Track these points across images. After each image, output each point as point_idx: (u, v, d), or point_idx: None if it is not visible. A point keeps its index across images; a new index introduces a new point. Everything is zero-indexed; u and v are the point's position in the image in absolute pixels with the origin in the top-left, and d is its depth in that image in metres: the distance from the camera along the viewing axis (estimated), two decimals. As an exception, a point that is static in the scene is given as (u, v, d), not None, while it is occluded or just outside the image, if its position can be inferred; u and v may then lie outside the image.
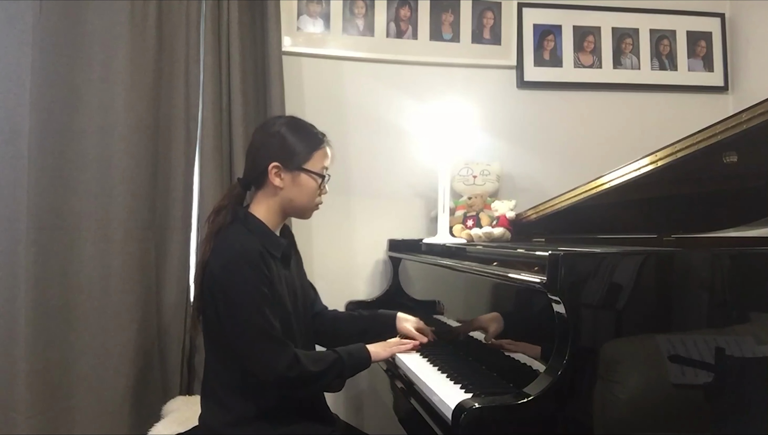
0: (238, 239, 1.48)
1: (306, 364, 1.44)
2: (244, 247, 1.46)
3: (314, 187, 1.58)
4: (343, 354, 1.52)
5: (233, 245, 1.47)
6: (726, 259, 1.31)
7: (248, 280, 1.42)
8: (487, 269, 1.52)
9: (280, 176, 1.54)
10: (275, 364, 1.41)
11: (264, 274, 1.45)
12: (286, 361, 1.41)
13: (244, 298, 1.42)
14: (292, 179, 1.55)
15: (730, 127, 1.41)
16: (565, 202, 1.97)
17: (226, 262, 1.45)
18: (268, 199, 1.56)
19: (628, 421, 1.18)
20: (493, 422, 1.12)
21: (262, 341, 1.42)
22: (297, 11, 2.53)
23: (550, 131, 2.72)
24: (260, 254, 1.46)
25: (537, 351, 1.31)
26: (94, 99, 2.17)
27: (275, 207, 1.57)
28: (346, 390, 2.55)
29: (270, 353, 1.42)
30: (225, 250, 1.47)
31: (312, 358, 1.48)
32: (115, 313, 2.14)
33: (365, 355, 1.58)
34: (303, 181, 1.56)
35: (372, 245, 2.55)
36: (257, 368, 1.44)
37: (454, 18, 2.65)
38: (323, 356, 1.51)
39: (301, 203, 1.58)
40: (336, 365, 1.50)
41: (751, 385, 1.26)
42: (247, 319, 1.42)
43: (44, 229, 2.09)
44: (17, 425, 2.03)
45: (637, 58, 2.79)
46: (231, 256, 1.45)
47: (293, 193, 1.56)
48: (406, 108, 2.59)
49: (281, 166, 1.53)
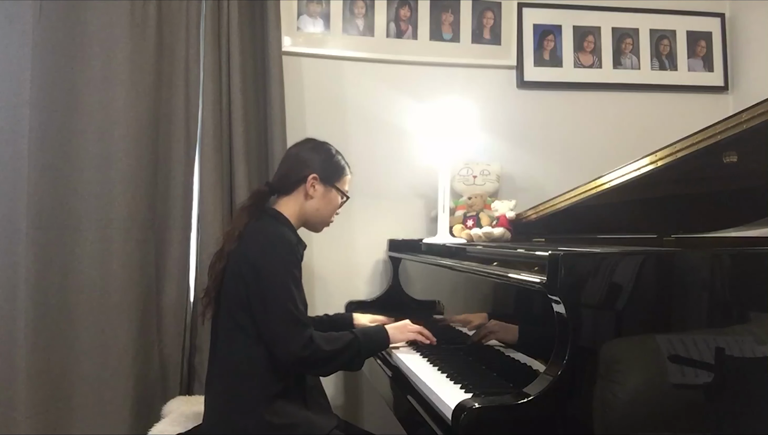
0: (274, 228, 1.61)
1: (320, 344, 1.51)
2: (282, 232, 1.59)
3: (337, 205, 1.76)
4: (360, 334, 1.62)
5: (271, 231, 1.59)
6: (726, 259, 1.31)
7: (285, 262, 1.54)
8: (487, 269, 1.52)
9: (315, 187, 1.69)
10: (292, 342, 1.49)
11: (298, 259, 1.59)
12: (303, 340, 1.49)
13: (279, 279, 1.51)
14: (324, 192, 1.71)
15: (730, 127, 1.41)
16: (565, 202, 1.96)
17: (264, 245, 1.55)
18: (294, 205, 1.69)
19: (628, 421, 1.17)
20: (493, 422, 1.12)
21: (286, 320, 1.49)
22: (297, 11, 2.53)
23: (550, 131, 2.72)
24: (296, 241, 1.61)
25: (537, 351, 1.31)
26: (94, 99, 2.17)
27: (299, 213, 1.70)
28: (346, 389, 2.56)
29: (289, 332, 1.49)
30: (261, 236, 1.58)
31: (327, 339, 1.55)
32: (115, 313, 2.14)
33: (383, 337, 1.68)
34: (332, 196, 1.73)
35: (372, 245, 2.55)
36: (276, 346, 1.51)
37: (454, 18, 2.65)
38: (339, 336, 1.59)
39: (323, 215, 1.74)
40: (352, 345, 1.57)
41: (751, 385, 1.26)
42: (277, 297, 1.50)
43: (44, 229, 2.09)
44: (17, 425, 2.03)
45: (637, 58, 2.79)
46: (269, 240, 1.56)
47: (321, 205, 1.71)
48: (406, 108, 2.59)
49: (319, 178, 1.69)
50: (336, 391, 2.53)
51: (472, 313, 1.72)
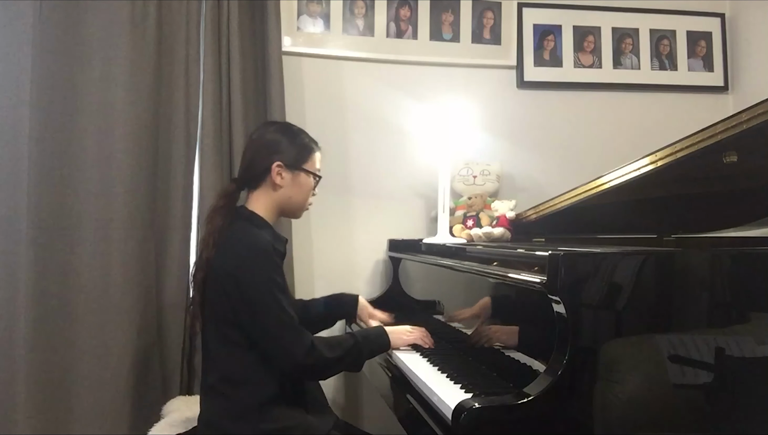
0: (248, 234, 1.54)
1: (322, 350, 1.48)
2: (257, 239, 1.51)
3: (310, 187, 1.68)
4: (360, 338, 1.58)
5: (245, 240, 1.53)
6: (726, 259, 1.31)
7: (264, 271, 1.48)
8: (487, 269, 1.52)
9: (282, 175, 1.61)
10: (293, 351, 1.45)
11: (277, 264, 1.52)
12: (304, 348, 1.46)
13: (262, 289, 1.46)
14: (292, 178, 1.63)
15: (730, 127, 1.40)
16: (565, 202, 1.96)
17: (240, 255, 1.50)
18: (265, 197, 1.62)
19: (628, 421, 1.17)
20: (493, 422, 1.12)
21: (281, 329, 1.46)
22: (297, 11, 2.53)
23: (550, 131, 2.72)
24: (272, 246, 1.52)
25: (537, 351, 1.31)
26: (94, 99, 2.17)
27: (272, 205, 1.63)
28: (346, 389, 2.56)
29: (289, 341, 1.46)
30: (236, 245, 1.52)
31: (328, 344, 1.52)
32: (115, 313, 2.14)
33: (384, 341, 1.64)
34: (302, 180, 1.65)
35: (372, 245, 2.55)
36: (277, 357, 1.48)
37: (454, 18, 2.65)
38: (339, 341, 1.56)
39: (297, 202, 1.66)
40: (353, 350, 1.55)
41: (751, 385, 1.26)
42: (266, 310, 1.46)
43: (44, 229, 2.09)
44: (17, 425, 2.03)
45: (637, 58, 2.79)
46: (244, 249, 1.50)
47: (292, 192, 1.63)
48: (406, 108, 2.59)
49: (284, 165, 1.61)
50: (336, 391, 2.53)
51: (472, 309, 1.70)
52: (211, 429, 1.53)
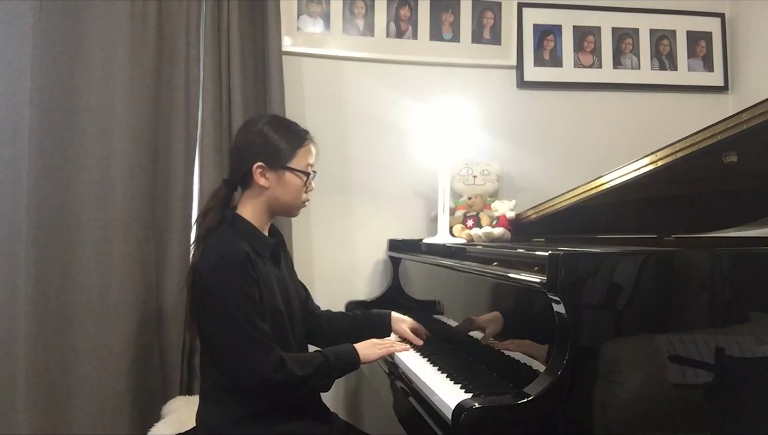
0: (224, 242, 1.49)
1: (292, 367, 1.43)
2: (230, 250, 1.46)
3: (300, 185, 1.58)
4: (331, 356, 1.52)
5: (220, 248, 1.47)
6: (726, 259, 1.31)
7: (233, 284, 1.42)
8: (487, 269, 1.52)
9: (265, 176, 1.54)
10: (260, 368, 1.40)
11: (251, 276, 1.44)
12: (272, 364, 1.40)
13: (229, 302, 1.42)
14: (277, 178, 1.55)
15: (730, 127, 1.41)
16: (565, 202, 1.96)
17: (212, 266, 1.45)
18: (254, 199, 1.57)
19: (628, 421, 1.18)
20: (493, 422, 1.12)
21: (248, 345, 1.41)
22: (297, 11, 2.53)
23: (550, 131, 2.72)
24: (247, 256, 1.45)
25: (537, 351, 1.31)
26: (94, 99, 2.17)
27: (262, 206, 1.58)
28: (346, 389, 2.56)
29: (255, 357, 1.40)
30: (212, 254, 1.47)
31: (298, 362, 1.46)
32: (115, 313, 2.14)
33: (354, 357, 1.56)
34: (288, 179, 1.56)
35: (372, 245, 2.55)
36: (242, 372, 1.42)
37: (454, 18, 2.65)
38: (310, 359, 1.50)
39: (287, 202, 1.59)
40: (323, 368, 1.49)
41: (751, 385, 1.26)
42: (232, 323, 1.41)
43: (44, 229, 2.09)
44: (17, 425, 2.03)
45: (637, 58, 2.79)
46: (217, 259, 1.45)
47: (279, 192, 1.56)
48: (406, 108, 2.59)
49: (265, 165, 1.54)
50: (336, 391, 2.53)
51: (483, 316, 1.62)
52: (209, 432, 1.52)
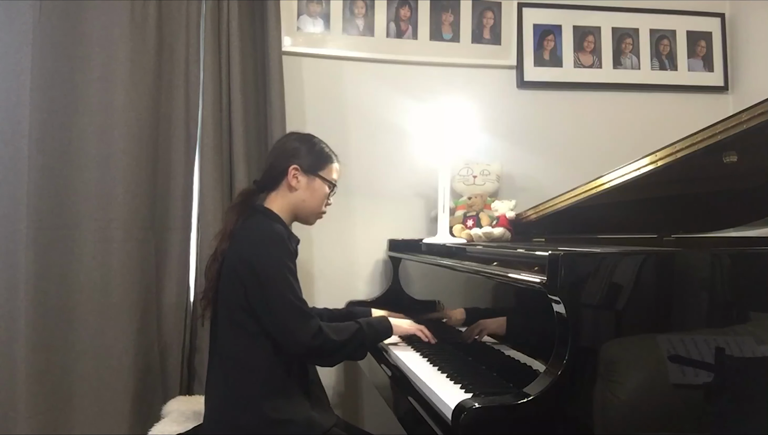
0: (262, 225, 1.61)
1: (329, 333, 1.54)
2: (273, 228, 1.59)
3: (324, 194, 1.74)
4: (364, 325, 1.65)
5: (261, 228, 1.60)
6: (726, 259, 1.31)
7: (279, 256, 1.54)
8: (487, 269, 1.52)
9: (297, 178, 1.68)
10: (302, 333, 1.51)
11: (290, 251, 1.59)
12: (312, 331, 1.52)
13: (276, 273, 1.53)
14: (307, 182, 1.70)
15: (730, 127, 1.41)
16: (565, 202, 1.96)
17: (256, 242, 1.56)
18: (281, 199, 1.70)
19: (628, 421, 1.17)
20: (493, 422, 1.12)
21: (292, 312, 1.52)
22: (297, 11, 2.53)
23: (550, 131, 2.72)
24: (287, 235, 1.62)
25: (537, 351, 1.31)
26: (94, 99, 2.17)
27: (287, 207, 1.70)
28: (346, 389, 2.56)
29: (298, 324, 1.52)
30: (253, 234, 1.59)
31: (334, 329, 1.58)
32: (115, 313, 2.14)
33: (387, 326, 1.73)
34: (317, 185, 1.72)
35: (372, 245, 2.55)
36: (285, 338, 1.53)
37: (454, 18, 2.65)
38: (345, 327, 1.62)
39: (311, 207, 1.72)
40: (358, 335, 1.61)
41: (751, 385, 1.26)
42: (278, 293, 1.52)
43: (44, 229, 2.09)
44: (17, 425, 2.03)
45: (637, 58, 2.79)
46: (260, 237, 1.57)
47: (306, 196, 1.70)
48: (406, 108, 2.59)
49: (300, 168, 1.69)
50: (336, 390, 2.53)
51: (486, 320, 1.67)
52: (218, 418, 1.56)
